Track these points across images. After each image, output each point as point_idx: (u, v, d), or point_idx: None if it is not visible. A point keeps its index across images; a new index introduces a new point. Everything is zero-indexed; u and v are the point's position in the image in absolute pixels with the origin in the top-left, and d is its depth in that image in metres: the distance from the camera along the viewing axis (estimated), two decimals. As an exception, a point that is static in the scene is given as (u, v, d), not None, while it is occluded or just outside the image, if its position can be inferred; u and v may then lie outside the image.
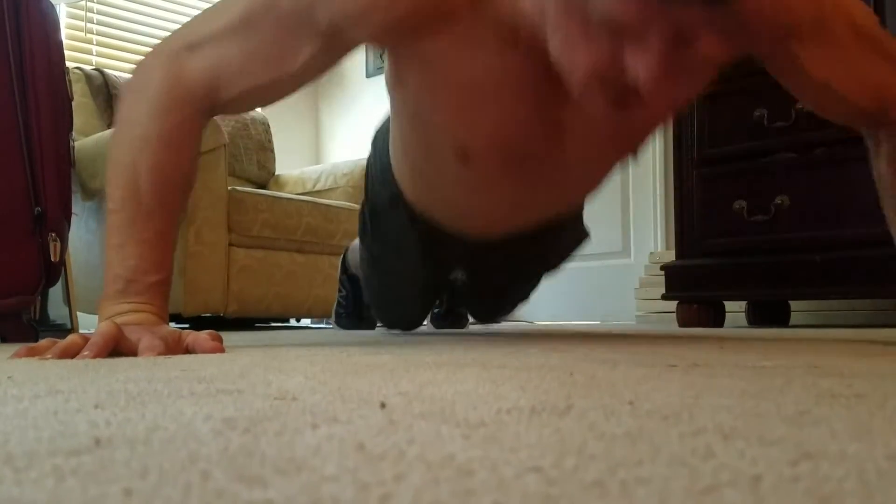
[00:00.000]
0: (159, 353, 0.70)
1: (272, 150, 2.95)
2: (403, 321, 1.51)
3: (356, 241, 1.58)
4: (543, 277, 1.42)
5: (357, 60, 3.72)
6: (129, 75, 0.90)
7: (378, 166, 1.21)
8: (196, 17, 0.91)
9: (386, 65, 0.94)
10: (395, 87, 0.95)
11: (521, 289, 1.44)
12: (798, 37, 0.80)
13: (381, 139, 1.22)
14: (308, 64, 0.82)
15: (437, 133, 0.94)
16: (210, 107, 0.85)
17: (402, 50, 0.85)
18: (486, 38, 0.79)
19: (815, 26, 0.81)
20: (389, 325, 1.58)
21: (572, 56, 0.67)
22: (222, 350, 0.76)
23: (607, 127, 0.89)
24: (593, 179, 1.08)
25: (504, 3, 0.76)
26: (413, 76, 0.88)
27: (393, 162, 1.14)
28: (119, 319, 0.76)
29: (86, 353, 0.68)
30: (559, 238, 1.25)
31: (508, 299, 1.47)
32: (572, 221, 1.28)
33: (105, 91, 2.60)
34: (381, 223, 1.25)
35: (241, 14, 0.82)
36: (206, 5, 3.50)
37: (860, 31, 0.83)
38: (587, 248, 1.41)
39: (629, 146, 0.98)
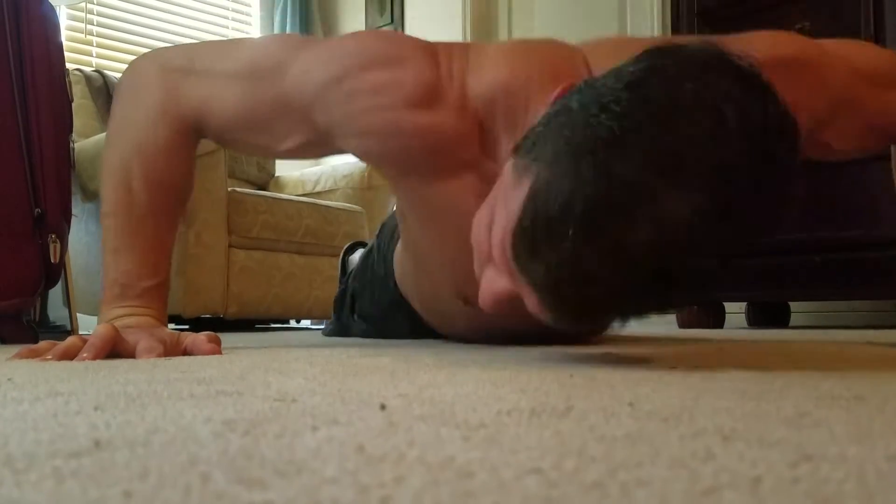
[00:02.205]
0: (157, 355, 0.70)
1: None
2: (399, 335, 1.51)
3: (357, 254, 1.57)
4: None
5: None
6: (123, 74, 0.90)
7: (381, 264, 1.20)
8: (204, 43, 0.91)
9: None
10: (401, 218, 0.95)
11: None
12: (822, 126, 0.78)
13: (387, 235, 1.20)
14: (293, 150, 0.82)
15: (441, 277, 0.93)
16: (199, 130, 0.85)
17: (399, 181, 0.82)
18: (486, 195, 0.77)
19: (833, 107, 0.78)
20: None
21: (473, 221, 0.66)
22: (220, 352, 0.76)
23: None
24: None
25: (501, 163, 0.71)
26: (415, 213, 0.85)
27: (398, 278, 1.14)
28: (118, 323, 0.76)
29: (84, 354, 0.68)
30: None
31: None
32: None
33: (105, 93, 2.60)
34: (374, 294, 1.25)
35: (248, 66, 0.80)
36: (204, 7, 3.51)
37: (870, 77, 0.81)
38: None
39: None
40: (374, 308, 1.26)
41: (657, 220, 0.47)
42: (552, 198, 0.49)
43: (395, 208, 1.06)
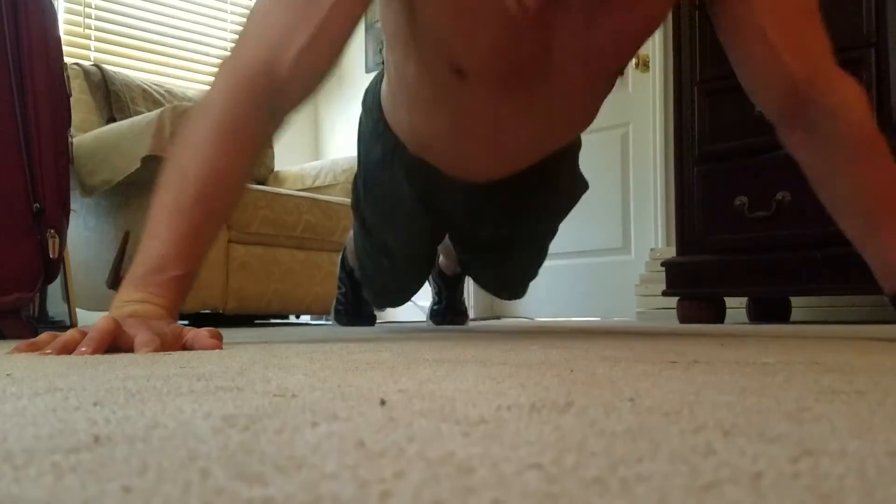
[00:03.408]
0: (154, 350, 0.70)
1: (271, 146, 2.95)
2: (397, 293, 1.50)
3: (352, 233, 1.57)
4: (547, 238, 1.41)
5: (356, 57, 3.72)
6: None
7: (370, 123, 1.21)
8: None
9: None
10: (396, 7, 0.96)
11: (526, 252, 1.42)
12: None
13: (370, 95, 1.22)
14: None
15: (435, 51, 0.96)
16: (272, 93, 0.84)
17: None
18: None
19: None
20: (382, 301, 1.58)
21: None
22: (220, 347, 0.76)
23: (588, 43, 0.93)
24: (582, 105, 1.09)
25: None
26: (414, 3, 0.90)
27: (386, 106, 1.15)
28: (127, 308, 0.75)
29: (82, 348, 0.68)
30: (557, 181, 1.25)
31: (514, 265, 1.46)
32: (568, 164, 1.27)
33: (103, 87, 2.59)
34: (375, 186, 1.24)
35: None
36: (202, 0, 3.50)
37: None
38: (588, 244, 1.41)
39: (611, 63, 1.01)
40: (368, 170, 1.25)
41: None
42: None
43: (385, 50, 1.08)
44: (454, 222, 1.29)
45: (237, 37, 0.90)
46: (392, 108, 1.14)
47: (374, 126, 1.20)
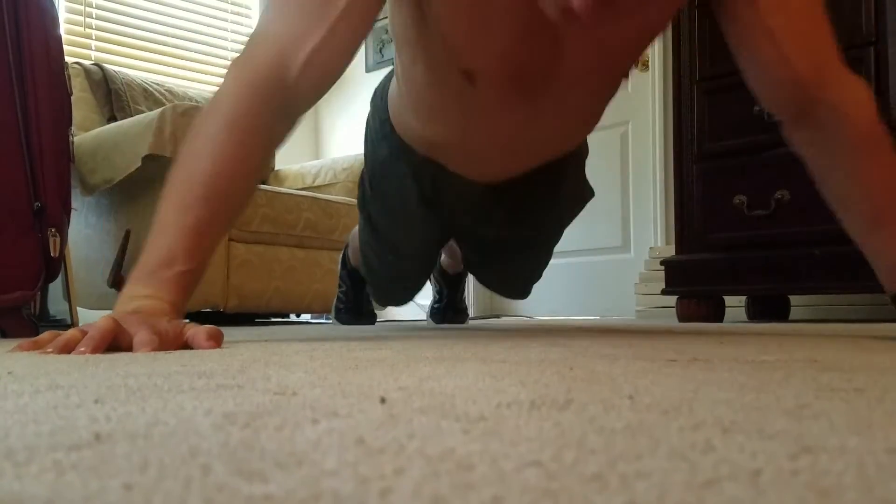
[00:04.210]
0: (152, 349, 0.70)
1: (281, 146, 2.95)
2: (401, 289, 1.49)
3: (355, 230, 1.57)
4: (552, 241, 1.41)
5: (357, 55, 3.72)
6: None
7: (377, 122, 1.21)
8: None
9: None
10: (405, 9, 0.96)
11: (531, 254, 1.42)
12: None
13: (379, 96, 1.22)
14: (364, 8, 0.84)
15: (444, 54, 0.95)
16: (283, 92, 0.84)
17: None
18: None
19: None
20: (385, 297, 1.57)
21: None
22: (218, 347, 0.76)
23: (599, 46, 0.93)
24: (590, 107, 1.09)
25: None
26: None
27: (393, 108, 1.14)
28: (130, 305, 0.75)
29: (82, 348, 0.68)
30: (563, 186, 1.24)
31: (518, 266, 1.45)
32: (574, 169, 1.27)
33: (104, 86, 2.59)
34: (381, 184, 1.24)
35: None
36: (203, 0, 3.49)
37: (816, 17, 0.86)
38: (587, 243, 1.41)
39: (619, 66, 1.01)
40: (375, 168, 1.25)
41: None
42: None
43: (394, 56, 1.07)
44: (460, 222, 1.29)
45: (250, 34, 0.90)
46: (399, 109, 1.14)
47: (380, 125, 1.19)
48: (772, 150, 1.91)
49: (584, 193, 1.34)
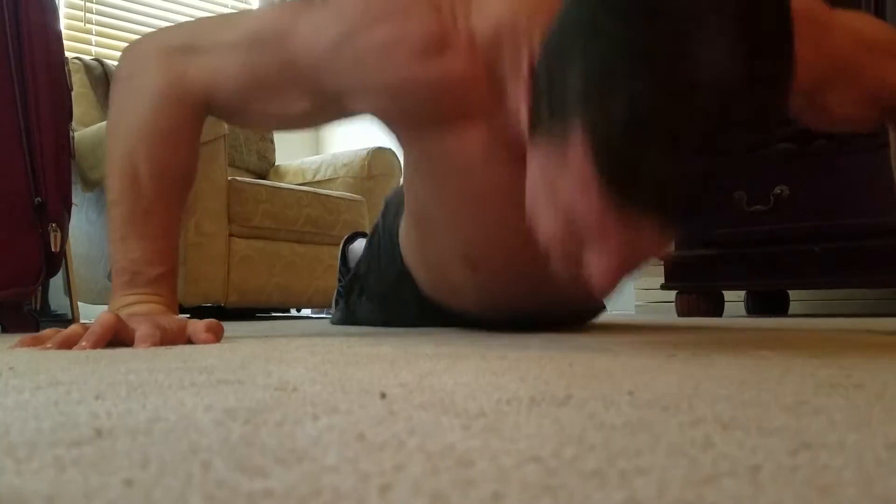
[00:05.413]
0: (154, 343, 0.70)
1: (272, 141, 2.95)
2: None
3: (358, 242, 1.56)
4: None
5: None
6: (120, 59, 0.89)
7: (386, 238, 1.19)
8: (204, 19, 0.91)
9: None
10: (408, 187, 0.95)
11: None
12: (823, 87, 0.78)
13: (392, 211, 1.19)
14: (302, 117, 0.82)
15: (447, 242, 0.93)
16: (206, 109, 0.85)
17: (410, 137, 0.82)
18: (495, 148, 0.75)
19: (836, 69, 0.78)
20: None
21: (538, 224, 0.64)
22: (215, 341, 0.76)
23: None
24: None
25: (512, 118, 0.70)
26: (424, 170, 0.85)
27: (403, 249, 1.13)
28: (128, 310, 0.76)
29: (83, 343, 0.68)
30: (563, 312, 1.21)
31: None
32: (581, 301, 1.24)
33: (105, 81, 2.59)
34: (381, 285, 1.23)
35: (252, 33, 0.80)
36: (205, -5, 3.49)
37: (872, 47, 0.81)
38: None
39: None
40: (380, 285, 1.24)
41: (710, 65, 0.48)
42: (615, 113, 0.49)
43: (401, 182, 1.05)
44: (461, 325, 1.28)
45: (201, 28, 0.87)
46: (407, 255, 1.12)
47: (389, 246, 1.17)
48: (771, 145, 1.91)
49: (592, 308, 1.28)
